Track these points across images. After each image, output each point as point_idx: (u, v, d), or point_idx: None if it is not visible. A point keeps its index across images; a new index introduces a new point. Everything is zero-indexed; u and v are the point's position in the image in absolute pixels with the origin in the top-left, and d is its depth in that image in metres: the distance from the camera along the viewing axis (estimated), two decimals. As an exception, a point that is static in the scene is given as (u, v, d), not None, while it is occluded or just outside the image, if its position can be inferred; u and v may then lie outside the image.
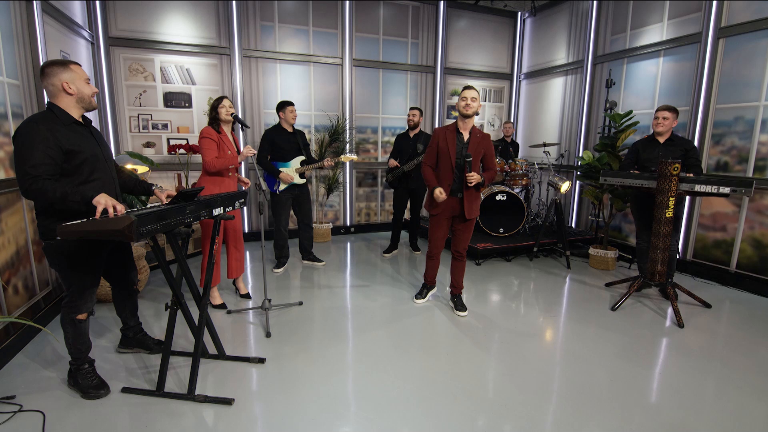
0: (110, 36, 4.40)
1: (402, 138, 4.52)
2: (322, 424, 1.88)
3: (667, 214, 3.03)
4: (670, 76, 4.34)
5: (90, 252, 1.98)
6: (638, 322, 3.05)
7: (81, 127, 1.99)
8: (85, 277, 2.00)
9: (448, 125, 2.96)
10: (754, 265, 3.68)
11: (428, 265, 3.28)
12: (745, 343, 2.74)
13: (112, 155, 2.19)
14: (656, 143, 3.31)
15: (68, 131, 1.88)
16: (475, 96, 2.84)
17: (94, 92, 2.00)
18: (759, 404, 2.09)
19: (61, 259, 1.94)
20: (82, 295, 2.01)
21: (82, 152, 1.89)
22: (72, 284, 2.00)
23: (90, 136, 2.01)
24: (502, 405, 2.04)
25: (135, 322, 2.46)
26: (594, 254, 4.37)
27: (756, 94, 3.60)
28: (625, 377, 2.31)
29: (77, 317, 2.02)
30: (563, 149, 5.76)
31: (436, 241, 3.11)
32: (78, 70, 1.94)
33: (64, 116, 1.90)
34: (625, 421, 1.93)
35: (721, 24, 3.82)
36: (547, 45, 6.00)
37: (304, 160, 3.94)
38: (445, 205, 2.97)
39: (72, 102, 1.93)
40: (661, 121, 3.23)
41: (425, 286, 3.39)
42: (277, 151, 3.85)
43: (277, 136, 3.86)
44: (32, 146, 1.74)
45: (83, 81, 1.95)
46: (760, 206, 3.63)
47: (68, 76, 1.90)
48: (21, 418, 1.89)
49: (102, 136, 2.16)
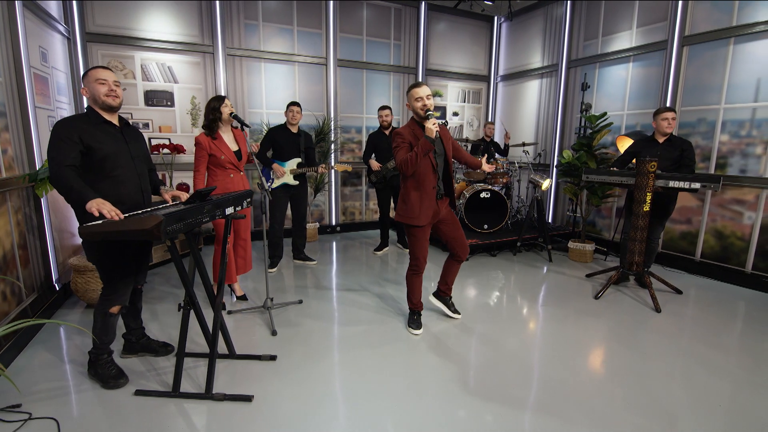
0: (87, 31, 4.23)
1: (377, 137, 4.54)
2: (342, 417, 1.94)
3: (644, 209, 3.28)
4: (639, 80, 4.65)
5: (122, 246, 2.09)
6: (620, 308, 3.29)
7: (111, 127, 2.12)
8: (116, 268, 2.10)
9: (407, 127, 2.61)
10: (717, 255, 4.03)
11: (414, 284, 2.82)
12: (716, 324, 3.02)
13: (143, 155, 2.25)
14: (656, 143, 3.52)
15: (96, 130, 2.04)
16: (430, 93, 2.55)
17: (107, 92, 2.07)
18: (733, 377, 2.33)
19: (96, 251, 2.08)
20: (116, 288, 2.11)
21: (102, 149, 2.02)
22: (108, 276, 2.11)
23: (119, 135, 2.14)
24: (508, 388, 2.17)
25: (137, 325, 2.43)
26: (573, 248, 4.63)
27: (717, 97, 3.95)
28: (616, 357, 2.50)
29: (109, 310, 2.12)
30: (540, 149, 6.03)
31: (425, 254, 2.75)
32: (91, 74, 2.08)
33: (94, 117, 2.09)
34: (619, 394, 2.11)
35: (685, 33, 4.15)
36: (522, 49, 6.26)
37: (301, 162, 3.95)
38: (429, 211, 2.64)
39: (92, 103, 2.10)
40: (671, 121, 3.38)
41: (417, 313, 2.88)
42: (277, 150, 3.91)
43: (278, 135, 3.90)
44: (56, 138, 1.95)
45: (94, 82, 2.06)
46: (721, 200, 3.98)
47: (85, 81, 2.10)
48: (33, 427, 1.83)
49: (138, 137, 2.28)
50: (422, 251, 2.73)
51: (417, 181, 2.59)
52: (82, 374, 2.26)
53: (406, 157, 2.47)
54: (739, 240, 3.86)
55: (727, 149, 3.92)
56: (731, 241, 3.92)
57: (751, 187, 3.75)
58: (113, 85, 2.09)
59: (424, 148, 2.42)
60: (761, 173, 3.70)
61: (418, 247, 2.72)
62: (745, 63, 3.74)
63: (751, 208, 3.78)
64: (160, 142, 4.42)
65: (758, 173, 3.72)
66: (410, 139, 2.55)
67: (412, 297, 2.86)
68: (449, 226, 2.80)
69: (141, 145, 2.26)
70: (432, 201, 2.63)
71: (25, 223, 2.88)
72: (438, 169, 2.63)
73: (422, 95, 2.51)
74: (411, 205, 2.62)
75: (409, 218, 2.64)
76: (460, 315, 3.08)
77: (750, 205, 3.78)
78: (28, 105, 2.97)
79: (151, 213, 1.72)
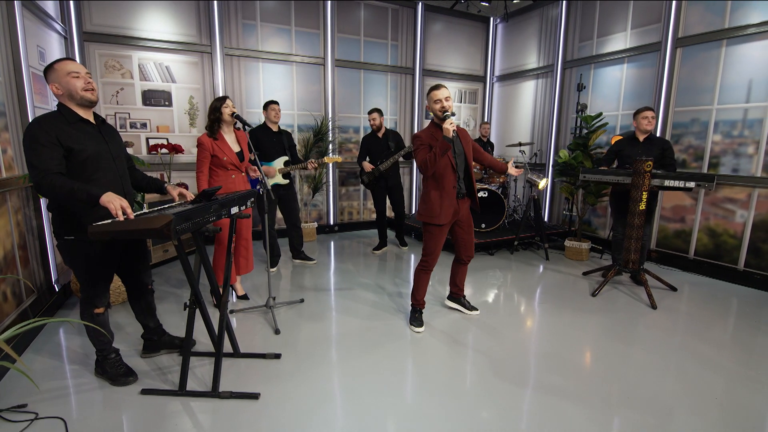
0: (84, 31, 4.21)
1: (371, 139, 4.57)
2: (349, 413, 1.97)
3: (641, 207, 3.34)
4: (634, 81, 4.73)
5: (103, 249, 2.02)
6: (617, 305, 3.34)
7: (88, 126, 1.98)
8: (98, 271, 2.04)
9: (427, 129, 2.70)
10: (710, 252, 4.11)
11: (422, 280, 2.85)
12: (710, 320, 3.09)
13: (123, 154, 2.16)
14: (636, 141, 3.61)
15: (72, 129, 1.89)
16: (449, 95, 2.62)
17: (84, 85, 1.90)
18: (727, 371, 2.39)
19: (75, 256, 1.99)
20: (95, 289, 2.07)
21: (84, 150, 1.89)
22: (85, 279, 2.05)
23: (97, 134, 2.01)
24: (506, 384, 2.21)
25: (155, 324, 2.42)
26: (569, 246, 4.69)
27: (709, 98, 4.03)
28: (614, 353, 2.55)
29: (95, 311, 2.08)
30: (536, 149, 6.10)
31: (438, 252, 2.79)
32: (60, 67, 1.89)
33: (69, 115, 1.92)
34: (616, 389, 2.16)
35: (678, 35, 4.23)
36: (518, 49, 6.32)
37: (287, 160, 3.94)
38: (449, 210, 2.69)
39: (66, 100, 1.92)
40: (650, 119, 3.50)
41: (419, 311, 2.91)
42: (260, 150, 3.83)
43: (261, 135, 3.85)
44: (36, 143, 1.78)
45: (66, 76, 1.88)
46: (714, 199, 4.06)
47: (53, 77, 1.89)
48: (40, 427, 1.83)
49: (115, 135, 2.15)
50: (436, 249, 2.78)
51: (437, 180, 2.66)
52: (84, 374, 2.26)
53: (425, 157, 2.56)
54: (732, 238, 3.94)
55: (720, 149, 4.00)
56: (724, 239, 4.00)
57: (743, 186, 3.83)
58: (88, 77, 1.92)
59: (442, 147, 2.49)
60: (753, 172, 3.78)
61: (433, 245, 2.77)
62: (737, 64, 3.81)
63: (743, 207, 3.86)
64: (158, 142, 4.41)
65: (750, 172, 3.80)
66: (429, 140, 2.64)
67: (416, 294, 2.89)
68: (464, 229, 2.86)
69: (120, 144, 2.13)
70: (453, 200, 2.69)
71: (24, 223, 2.87)
72: (458, 169, 2.69)
73: (441, 97, 2.59)
74: (431, 204, 2.68)
75: (429, 217, 2.70)
76: (478, 311, 3.15)
77: (742, 203, 3.86)
78: (27, 105, 2.96)
79: (159, 212, 1.73)
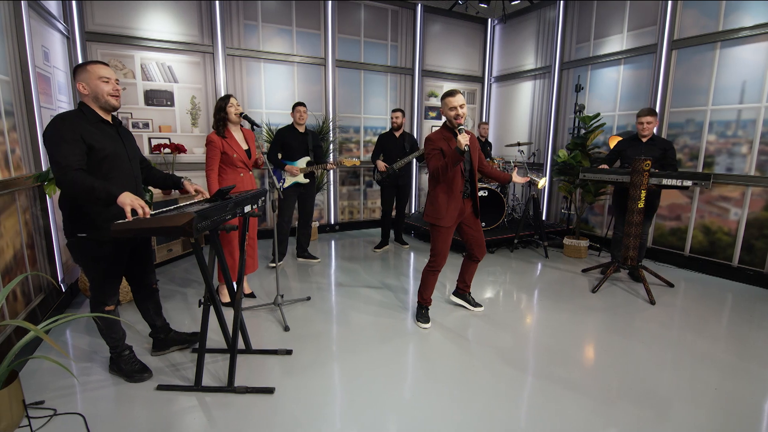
0: (87, 30, 4.21)
1: (387, 138, 4.66)
2: (361, 407, 2.01)
3: (639, 205, 3.43)
4: (630, 82, 4.82)
5: (113, 247, 2.06)
6: (616, 301, 3.43)
7: (108, 126, 2.05)
8: (106, 269, 2.08)
9: (439, 132, 2.76)
10: (705, 249, 4.22)
11: (430, 281, 2.91)
12: (707, 315, 3.18)
13: (137, 155, 2.24)
14: (639, 142, 3.70)
15: (93, 128, 1.95)
16: (463, 102, 2.63)
17: (112, 91, 1.98)
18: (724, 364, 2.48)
19: (85, 254, 2.04)
20: (102, 287, 2.10)
21: (103, 149, 1.95)
22: (94, 278, 2.09)
23: (116, 135, 2.08)
24: (506, 380, 2.28)
25: (162, 322, 2.45)
26: (568, 244, 4.77)
27: (704, 99, 4.13)
28: (614, 347, 2.63)
29: (105, 309, 2.11)
30: (534, 149, 6.18)
31: (446, 253, 2.85)
32: (93, 69, 1.97)
33: (91, 114, 1.99)
34: (616, 383, 2.23)
35: (674, 37, 4.33)
36: (516, 51, 6.40)
37: (310, 161, 4.03)
38: (455, 212, 2.77)
39: (90, 101, 1.99)
40: (646, 125, 3.59)
41: (425, 308, 2.97)
42: (286, 150, 3.98)
43: (287, 136, 3.98)
44: (60, 139, 1.83)
45: (97, 79, 1.95)
46: (709, 197, 4.17)
47: (83, 77, 1.97)
48: (59, 422, 1.86)
49: (130, 137, 2.22)
50: (444, 250, 2.84)
51: (447, 185, 2.74)
52: (96, 372, 2.28)
53: (437, 165, 2.65)
54: (726, 235, 4.04)
55: (715, 149, 4.11)
56: (718, 236, 4.10)
57: (737, 184, 3.94)
58: (116, 83, 2.01)
59: (454, 159, 2.55)
60: (746, 171, 3.88)
61: (441, 246, 2.83)
62: (731, 66, 3.92)
63: (737, 205, 3.96)
64: (161, 142, 4.42)
65: (743, 171, 3.90)
66: (440, 144, 2.70)
67: (423, 292, 2.94)
68: (472, 228, 2.94)
69: (135, 146, 2.20)
70: (459, 202, 2.78)
71: (32, 223, 2.88)
72: (466, 174, 2.80)
73: (456, 104, 2.61)
74: (438, 207, 2.76)
75: (436, 218, 2.78)
76: (482, 307, 3.22)
77: (736, 201, 3.97)
78: (33, 104, 2.97)
79: (179, 210, 1.77)
